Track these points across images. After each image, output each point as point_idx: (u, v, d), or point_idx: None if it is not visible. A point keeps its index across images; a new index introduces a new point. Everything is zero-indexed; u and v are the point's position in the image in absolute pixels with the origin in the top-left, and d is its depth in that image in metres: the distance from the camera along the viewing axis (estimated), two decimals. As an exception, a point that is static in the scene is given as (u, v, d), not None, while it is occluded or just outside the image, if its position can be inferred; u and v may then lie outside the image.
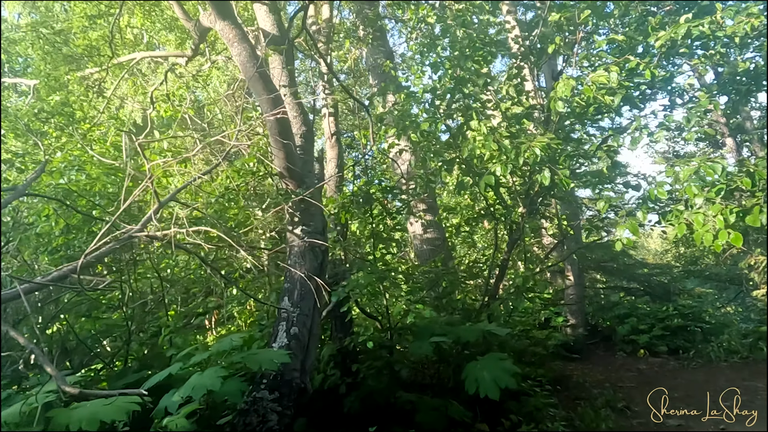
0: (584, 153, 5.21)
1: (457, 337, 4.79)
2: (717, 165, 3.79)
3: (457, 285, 6.17)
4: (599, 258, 13.95)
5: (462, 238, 9.72)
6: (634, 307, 12.28)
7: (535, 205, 6.75)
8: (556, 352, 10.54)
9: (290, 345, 4.04)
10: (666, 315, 11.68)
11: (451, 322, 5.25)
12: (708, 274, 17.09)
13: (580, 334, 11.75)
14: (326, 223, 4.59)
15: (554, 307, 12.76)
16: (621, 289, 13.93)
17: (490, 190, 6.97)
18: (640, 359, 11.14)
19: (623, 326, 11.71)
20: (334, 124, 6.82)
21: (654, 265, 15.12)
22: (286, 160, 4.26)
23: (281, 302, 4.25)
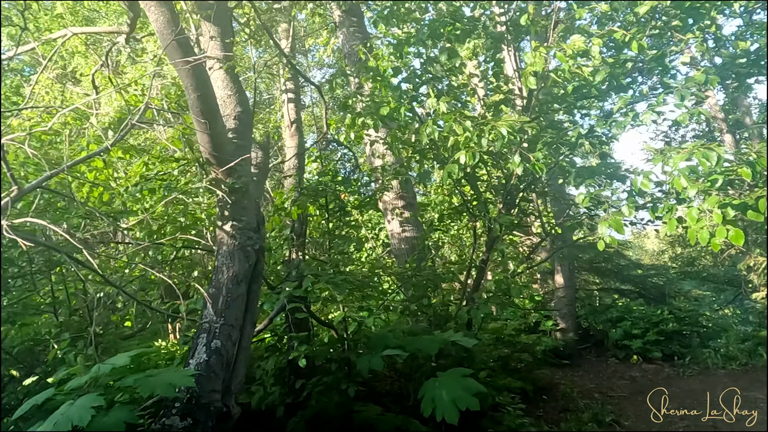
0: (566, 141, 4.59)
1: (416, 349, 4.18)
2: (712, 153, 3.19)
3: (424, 288, 5.55)
4: (591, 258, 13.35)
5: (437, 236, 9.09)
6: (627, 310, 11.66)
7: (513, 201, 6.14)
8: (543, 359, 9.93)
9: (210, 362, 3.42)
10: (661, 319, 11.06)
11: (414, 332, 4.64)
12: (705, 275, 16.49)
13: (570, 339, 11.13)
14: (263, 219, 3.97)
15: (544, 310, 12.22)
16: (614, 291, 13.31)
17: (466, 184, 6.38)
18: (633, 366, 10.52)
19: (616, 330, 11.10)
20: (294, 111, 6.19)
21: (649, 266, 14.52)
22: (211, 144, 3.64)
23: (203, 311, 3.64)
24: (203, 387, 3.35)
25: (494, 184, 6.28)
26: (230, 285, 3.64)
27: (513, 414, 5.00)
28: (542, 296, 12.95)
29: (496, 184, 6.23)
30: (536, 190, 6.03)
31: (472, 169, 6.07)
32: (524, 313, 12.52)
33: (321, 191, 4.53)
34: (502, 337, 11.74)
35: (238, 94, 4.13)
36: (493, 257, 6.02)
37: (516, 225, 6.50)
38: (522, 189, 6.09)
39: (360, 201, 5.32)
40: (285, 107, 6.15)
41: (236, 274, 3.68)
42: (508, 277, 5.17)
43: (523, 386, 6.57)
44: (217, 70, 4.17)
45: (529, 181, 5.84)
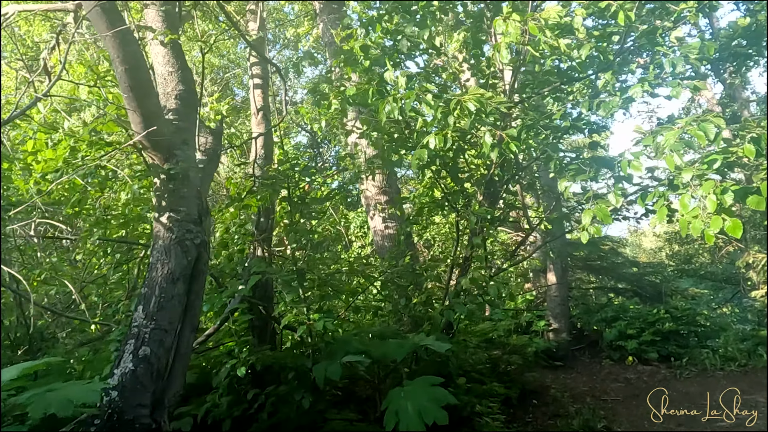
0: (550, 125, 4.17)
1: (381, 355, 3.75)
2: (708, 125, 2.77)
3: (404, 288, 5.13)
4: (586, 256, 12.94)
5: (417, 230, 8.65)
6: (622, 309, 11.24)
7: (497, 193, 5.72)
8: (535, 361, 9.51)
9: (137, 372, 2.99)
10: (657, 318, 10.64)
11: (384, 335, 4.21)
12: (703, 273, 16.09)
13: (563, 340, 10.73)
14: (207, 210, 3.54)
15: (531, 311, 11.80)
16: (609, 289, 12.90)
17: (446, 174, 5.95)
18: (628, 367, 10.11)
19: (610, 331, 10.67)
20: (261, 98, 5.75)
21: (645, 263, 14.10)
22: (143, 125, 3.21)
23: (134, 313, 3.20)
24: (128, 401, 2.92)
25: (475, 175, 5.85)
26: (164, 284, 3.21)
27: (492, 425, 4.57)
28: (534, 295, 12.57)
29: (477, 176, 5.80)
30: (521, 182, 5.61)
31: (453, 158, 5.65)
32: (515, 313, 12.11)
33: (279, 181, 4.10)
34: (492, 338, 11.35)
35: (181, 71, 3.70)
36: (477, 254, 5.59)
37: (501, 220, 6.07)
38: (505, 181, 5.67)
39: (328, 192, 4.89)
40: (251, 93, 5.71)
41: (172, 272, 3.24)
42: (484, 275, 4.72)
43: (507, 392, 6.15)
44: (159, 45, 3.74)
45: (513, 172, 5.42)
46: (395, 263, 5.42)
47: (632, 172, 3.20)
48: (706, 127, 2.76)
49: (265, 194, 4.38)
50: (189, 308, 3.37)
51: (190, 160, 3.52)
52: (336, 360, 3.52)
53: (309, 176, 4.28)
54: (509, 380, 7.95)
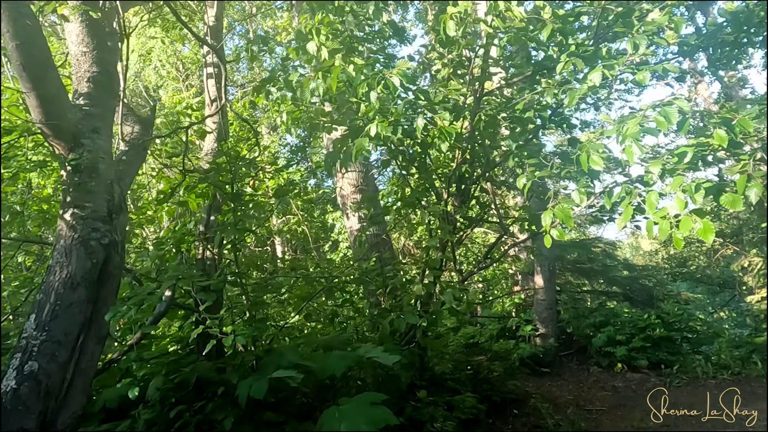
0: (513, 116, 3.77)
1: (320, 369, 3.37)
2: (671, 108, 2.37)
3: (353, 292, 4.73)
4: (576, 258, 12.54)
5: (393, 230, 8.26)
6: (613, 314, 10.83)
7: (468, 191, 5.32)
8: (518, 367, 9.11)
9: (20, 390, 2.60)
10: (647, 323, 10.24)
11: (330, 345, 3.82)
12: (699, 276, 15.66)
13: (550, 345, 10.32)
14: (121, 207, 3.15)
15: (524, 314, 11.39)
16: (599, 293, 12.48)
17: (414, 171, 5.56)
18: (617, 375, 9.70)
19: (599, 336, 10.26)
20: (215, 87, 5.37)
21: (640, 266, 13.68)
22: (42, 109, 2.84)
23: (25, 322, 2.82)
24: (7, 423, 2.54)
25: (445, 171, 5.46)
26: (62, 289, 2.82)
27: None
28: (523, 298, 12.16)
29: (445, 172, 5.41)
30: (493, 178, 5.22)
31: (420, 153, 5.26)
32: (501, 317, 11.72)
33: (212, 175, 3.71)
34: (478, 342, 10.96)
35: (97, 52, 3.32)
36: (431, 258, 5.20)
37: (476, 220, 5.68)
38: (475, 179, 5.27)
39: (279, 188, 4.49)
40: (205, 83, 5.33)
41: (72, 276, 2.86)
42: (429, 283, 4.31)
43: (477, 405, 5.74)
44: (74, 23, 3.36)
45: (483, 169, 5.03)
46: (354, 265, 5.03)
47: (595, 168, 2.81)
48: (667, 111, 2.36)
49: (206, 190, 3.99)
50: (94, 317, 2.98)
51: (99, 151, 3.14)
52: (264, 375, 3.14)
53: (253, 168, 3.88)
54: (489, 388, 7.57)
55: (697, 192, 2.42)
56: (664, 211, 2.60)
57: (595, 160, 2.70)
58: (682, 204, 2.44)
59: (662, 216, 2.55)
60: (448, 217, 5.67)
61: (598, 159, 2.71)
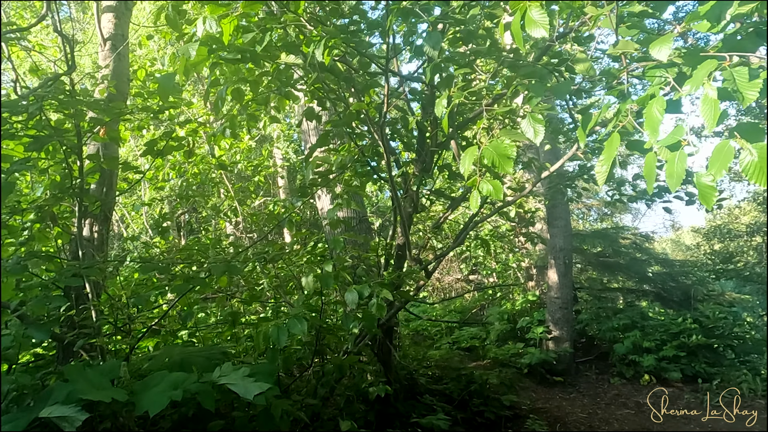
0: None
1: (130, 403, 2.17)
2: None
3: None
4: (599, 252, 10.97)
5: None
6: (640, 316, 9.25)
7: (431, 158, 4.02)
8: (515, 378, 7.71)
9: None
10: (682, 328, 8.64)
11: (188, 360, 2.62)
12: (748, 274, 13.69)
13: (565, 350, 8.86)
14: None
15: (536, 314, 9.95)
16: (626, 291, 10.86)
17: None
18: (642, 388, 8.18)
19: (623, 342, 8.73)
20: (113, 24, 4.25)
21: (673, 261, 11.93)
22: None
23: None
24: None
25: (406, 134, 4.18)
26: None
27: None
28: (537, 296, 10.70)
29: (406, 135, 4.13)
30: (456, 139, 3.89)
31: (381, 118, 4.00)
32: (510, 316, 10.30)
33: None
34: (477, 346, 9.60)
35: None
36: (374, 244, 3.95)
37: (441, 194, 4.38)
38: (440, 144, 3.96)
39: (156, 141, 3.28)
40: (96, 17, 4.19)
41: None
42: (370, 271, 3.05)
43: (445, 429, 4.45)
44: None
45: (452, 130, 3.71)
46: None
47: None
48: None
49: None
50: None
51: None
52: (24, 416, 1.99)
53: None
54: (482, 402, 6.27)
55: (747, 80, 1.11)
56: (680, 132, 1.29)
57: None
58: (713, 106, 1.15)
59: (675, 138, 1.24)
60: (407, 188, 4.38)
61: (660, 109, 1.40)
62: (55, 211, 3.62)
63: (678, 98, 1.55)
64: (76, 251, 3.77)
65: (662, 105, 1.38)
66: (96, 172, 3.35)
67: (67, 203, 3.77)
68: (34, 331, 2.58)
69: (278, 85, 3.50)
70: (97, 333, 3.25)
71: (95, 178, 3.39)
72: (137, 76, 4.53)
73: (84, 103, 2.82)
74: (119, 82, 4.08)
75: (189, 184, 6.80)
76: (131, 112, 3.01)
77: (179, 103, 3.42)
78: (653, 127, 1.40)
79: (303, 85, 3.68)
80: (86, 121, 3.01)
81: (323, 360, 3.40)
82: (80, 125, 2.99)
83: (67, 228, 3.78)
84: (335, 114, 3.96)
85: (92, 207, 3.30)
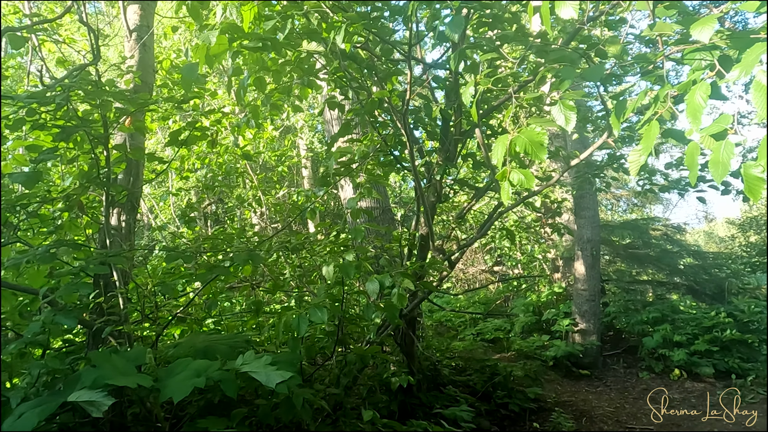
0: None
1: (155, 389, 2.20)
2: None
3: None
4: (629, 243, 10.69)
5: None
6: (671, 309, 8.99)
7: (455, 148, 3.95)
8: (541, 370, 7.61)
9: None
10: (715, 322, 8.36)
11: (213, 348, 2.65)
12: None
13: (592, 344, 8.69)
14: None
15: (561, 306, 9.79)
16: (658, 284, 10.57)
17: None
18: (672, 383, 7.96)
19: (652, 336, 8.51)
20: (138, 15, 4.29)
21: (706, 253, 11.55)
22: None
23: None
24: None
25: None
26: None
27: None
28: (563, 288, 10.52)
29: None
30: (481, 128, 3.80)
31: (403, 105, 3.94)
32: (535, 308, 10.17)
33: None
34: (500, 338, 9.51)
35: None
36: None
37: (467, 184, 4.31)
38: (464, 132, 3.88)
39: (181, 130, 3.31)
40: (121, 7, 4.23)
41: None
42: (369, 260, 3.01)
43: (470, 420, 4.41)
44: None
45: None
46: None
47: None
48: None
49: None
50: None
51: None
52: (48, 403, 2.02)
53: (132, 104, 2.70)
54: (506, 395, 6.21)
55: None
56: (725, 120, 1.20)
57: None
58: (765, 93, 1.06)
59: (721, 127, 1.16)
60: (430, 177, 4.32)
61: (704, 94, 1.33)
62: (83, 200, 3.71)
63: (721, 84, 1.46)
64: (104, 240, 3.85)
65: (706, 91, 1.30)
66: (122, 162, 3.40)
67: (96, 193, 3.85)
68: (63, 318, 2.63)
69: (300, 74, 3.47)
70: (125, 320, 3.32)
71: (122, 168, 3.44)
72: (162, 67, 4.60)
73: (110, 93, 2.85)
74: (145, 72, 4.11)
75: (214, 174, 6.88)
76: (156, 102, 3.02)
77: (202, 93, 3.43)
78: (695, 115, 1.32)
79: (325, 74, 3.65)
80: (113, 111, 3.04)
81: (346, 350, 3.39)
82: (107, 116, 3.03)
83: (96, 217, 3.87)
84: (357, 103, 3.92)
85: (119, 197, 3.36)
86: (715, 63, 1.42)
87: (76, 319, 2.63)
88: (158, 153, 7.73)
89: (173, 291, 3.34)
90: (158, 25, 7.09)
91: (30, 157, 3.06)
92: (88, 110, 3.12)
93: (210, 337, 2.86)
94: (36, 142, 3.00)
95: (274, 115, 3.69)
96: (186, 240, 5.22)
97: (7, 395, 2.21)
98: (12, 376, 2.99)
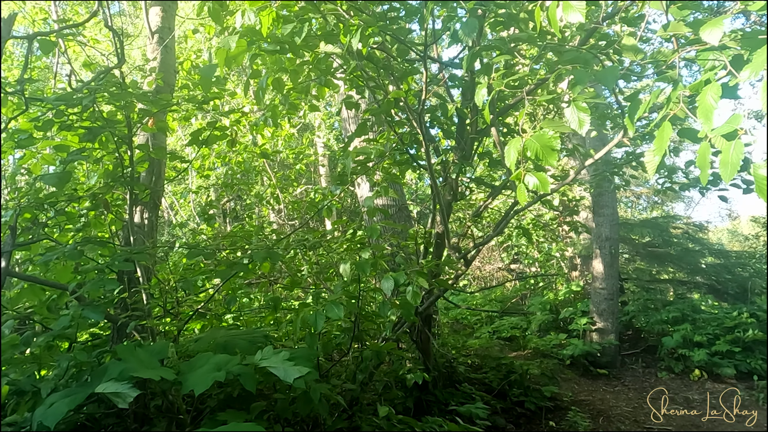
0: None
1: (177, 383, 2.29)
2: None
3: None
4: (651, 242, 10.54)
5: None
6: (691, 308, 8.86)
7: (470, 146, 3.97)
8: (557, 369, 7.57)
9: None
10: (737, 322, 8.22)
11: (231, 343, 2.73)
12: (812, 266, 12.85)
13: (610, 342, 8.63)
14: None
15: (579, 304, 9.72)
16: (677, 283, 10.41)
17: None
18: (692, 384, 7.87)
19: (672, 336, 8.41)
20: (160, 17, 4.39)
21: (729, 252, 11.33)
22: None
23: None
24: None
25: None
26: None
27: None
28: (582, 286, 10.44)
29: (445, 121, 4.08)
30: (497, 126, 3.81)
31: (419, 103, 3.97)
32: (553, 306, 10.11)
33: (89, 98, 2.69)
34: (517, 336, 9.47)
35: None
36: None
37: (483, 182, 4.32)
38: (480, 131, 3.89)
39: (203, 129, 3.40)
40: (144, 9, 4.35)
41: None
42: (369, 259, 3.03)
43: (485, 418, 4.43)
44: None
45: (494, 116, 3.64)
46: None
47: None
48: None
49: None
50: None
51: None
52: (75, 394, 2.12)
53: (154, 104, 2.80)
54: (522, 393, 6.20)
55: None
56: (736, 120, 1.21)
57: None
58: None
59: (732, 127, 1.17)
60: (446, 175, 4.35)
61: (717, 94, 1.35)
62: (108, 198, 3.83)
63: (735, 83, 1.46)
64: (128, 237, 3.97)
65: (717, 92, 1.31)
66: (145, 161, 3.50)
67: (120, 191, 3.97)
68: (89, 312, 2.73)
69: (318, 74, 3.53)
70: (148, 315, 3.43)
71: (144, 167, 3.54)
72: (183, 68, 4.70)
73: (134, 95, 2.95)
74: (166, 74, 4.22)
75: (233, 172, 7.01)
76: (177, 103, 3.11)
77: (222, 93, 3.52)
78: (707, 116, 1.33)
79: (342, 74, 3.70)
80: (136, 112, 3.14)
81: (362, 346, 3.44)
82: (130, 116, 3.12)
83: (120, 215, 3.98)
84: (374, 102, 3.96)
85: (142, 195, 3.46)
86: (726, 63, 1.43)
87: (103, 314, 2.73)
88: (178, 151, 7.90)
89: (194, 287, 3.44)
90: (179, 27, 7.24)
91: (58, 157, 3.17)
92: (113, 111, 3.23)
93: (229, 332, 2.94)
94: (64, 142, 3.12)
95: (291, 113, 3.75)
96: (206, 237, 5.34)
97: (38, 386, 2.32)
98: (41, 368, 3.11)
